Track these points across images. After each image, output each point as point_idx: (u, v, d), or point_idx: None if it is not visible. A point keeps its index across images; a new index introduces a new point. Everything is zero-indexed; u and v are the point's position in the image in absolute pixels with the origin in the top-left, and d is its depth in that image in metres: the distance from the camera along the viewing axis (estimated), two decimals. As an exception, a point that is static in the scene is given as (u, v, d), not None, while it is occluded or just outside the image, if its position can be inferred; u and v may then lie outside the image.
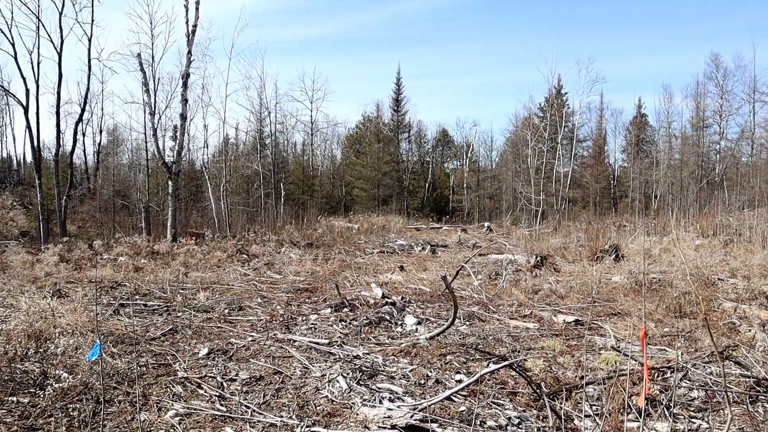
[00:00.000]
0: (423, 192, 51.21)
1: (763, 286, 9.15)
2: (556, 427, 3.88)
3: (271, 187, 33.23)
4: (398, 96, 51.85)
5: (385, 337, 6.44)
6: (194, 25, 18.09)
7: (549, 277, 10.63)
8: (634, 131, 46.55)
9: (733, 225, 18.84)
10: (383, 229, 27.31)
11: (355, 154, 52.40)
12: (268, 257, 14.02)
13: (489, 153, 58.71)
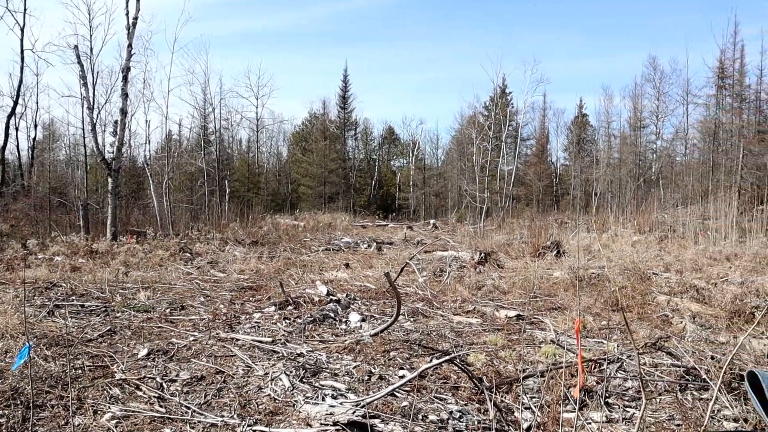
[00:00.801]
0: (369, 190, 51.32)
1: (694, 279, 9.53)
2: (497, 419, 3.96)
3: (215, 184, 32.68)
4: (345, 93, 51.79)
5: (329, 334, 6.44)
6: (135, 18, 17.62)
7: (492, 273, 10.81)
8: (575, 131, 47.77)
9: (667, 222, 19.56)
10: (329, 227, 27.24)
11: (302, 151, 52.08)
12: (212, 256, 13.80)
13: (435, 151, 59.28)
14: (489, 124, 38.37)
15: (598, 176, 39.81)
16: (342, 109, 52.00)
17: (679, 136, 40.59)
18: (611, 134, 45.26)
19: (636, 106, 42.14)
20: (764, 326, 6.99)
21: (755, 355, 5.83)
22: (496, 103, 42.21)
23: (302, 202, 46.01)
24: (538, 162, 46.79)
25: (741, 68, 36.94)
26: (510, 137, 44.45)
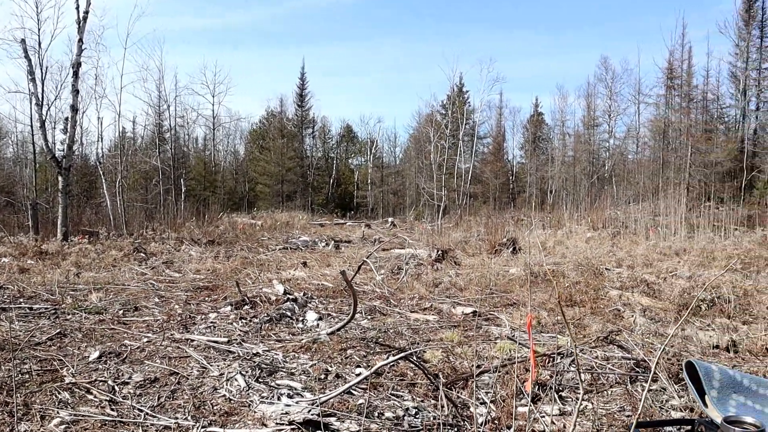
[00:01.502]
0: (327, 188, 51.19)
1: (644, 274, 9.78)
2: (453, 415, 4.00)
3: (170, 183, 32.16)
4: (302, 91, 51.55)
5: (286, 333, 6.40)
6: (86, 12, 17.18)
7: (449, 270, 10.90)
8: (531, 129, 48.54)
9: (620, 218, 20.02)
10: (287, 226, 27.07)
11: (259, 149, 51.64)
12: (167, 255, 13.57)
13: (393, 149, 59.47)
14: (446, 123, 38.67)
15: (553, 174, 40.55)
16: (299, 107, 51.76)
17: (631, 134, 41.64)
18: (566, 133, 46.20)
19: (589, 105, 43.10)
20: (710, 318, 7.23)
21: (701, 346, 6.02)
22: (453, 101, 42.58)
23: (260, 201, 45.64)
24: (495, 160, 47.36)
25: (689, 69, 38.06)
26: (467, 135, 44.90)
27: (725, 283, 8.38)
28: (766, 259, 11.38)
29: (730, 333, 6.39)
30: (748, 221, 20.82)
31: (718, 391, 1.53)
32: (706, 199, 23.92)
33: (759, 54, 37.18)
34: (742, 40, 36.98)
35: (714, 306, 7.65)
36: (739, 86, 37.39)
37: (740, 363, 5.51)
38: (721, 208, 21.89)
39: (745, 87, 37.08)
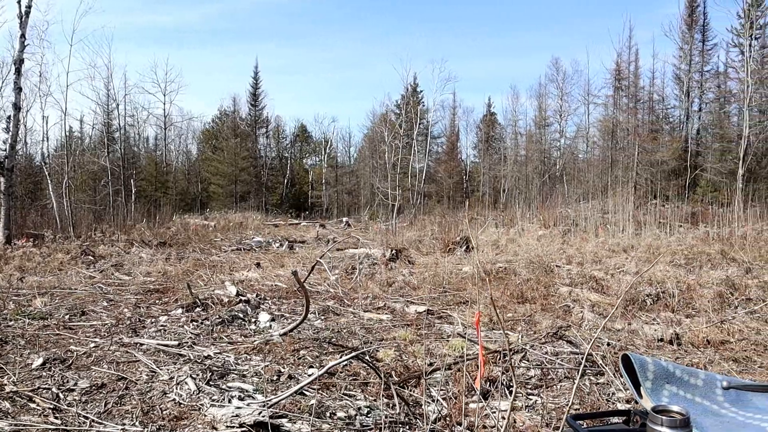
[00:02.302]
0: (282, 188, 50.85)
1: (593, 271, 10.01)
2: (405, 413, 4.02)
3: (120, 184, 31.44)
4: (256, 90, 51.08)
5: (238, 335, 6.33)
6: (28, 6, 16.63)
7: (403, 269, 10.95)
8: (484, 129, 49.13)
9: (571, 216, 20.44)
10: (241, 226, 26.78)
11: (212, 149, 50.95)
12: (117, 258, 13.27)
13: (347, 149, 59.42)
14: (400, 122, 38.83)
15: (505, 173, 41.15)
16: (253, 106, 51.26)
17: (581, 134, 42.58)
18: (518, 132, 46.93)
19: (541, 105, 43.89)
20: (655, 313, 7.44)
21: (647, 339, 6.20)
22: (407, 101, 42.80)
23: (213, 202, 45.03)
24: (449, 159, 47.78)
25: (636, 70, 39.16)
26: (421, 135, 45.16)
27: (669, 278, 8.65)
28: (708, 255, 11.77)
29: (674, 326, 6.59)
30: (691, 218, 21.52)
31: (652, 382, 1.59)
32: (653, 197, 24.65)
33: (701, 57, 38.48)
34: (685, 43, 38.21)
35: (659, 300, 7.88)
36: (682, 88, 38.62)
37: (683, 355, 5.69)
38: (667, 205, 22.55)
39: (688, 89, 38.32)
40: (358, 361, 4.79)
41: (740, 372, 5.23)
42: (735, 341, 6.15)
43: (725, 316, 7.04)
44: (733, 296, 7.96)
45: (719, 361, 5.52)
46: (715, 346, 5.99)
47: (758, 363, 5.47)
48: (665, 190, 27.31)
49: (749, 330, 6.57)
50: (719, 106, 38.16)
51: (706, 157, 36.06)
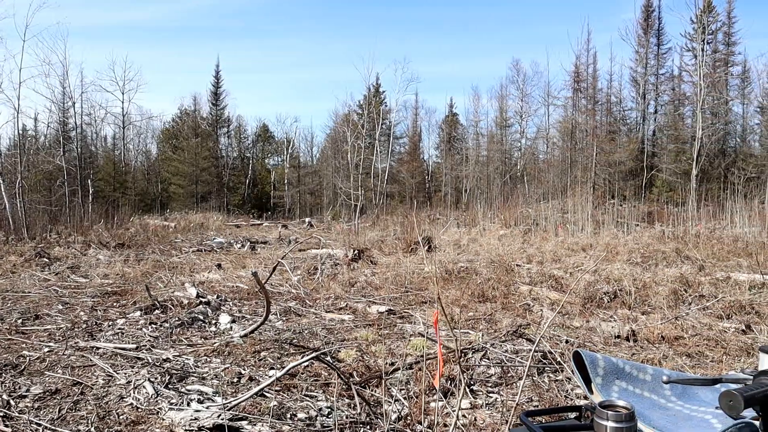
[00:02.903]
0: (244, 188, 50.36)
1: (553, 269, 10.17)
2: (366, 413, 4.03)
3: (77, 184, 30.72)
4: (217, 89, 50.44)
5: (198, 337, 6.26)
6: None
7: (366, 269, 10.96)
8: (446, 129, 49.45)
9: (531, 216, 20.71)
10: (202, 227, 26.45)
11: (172, 149, 50.16)
12: (73, 260, 12.97)
13: (310, 149, 59.14)
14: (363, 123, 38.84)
15: (467, 173, 41.51)
16: (214, 105, 50.62)
17: (541, 135, 43.21)
18: (479, 133, 47.39)
19: (502, 106, 44.39)
20: (613, 310, 7.60)
21: (604, 336, 6.32)
22: (369, 101, 42.82)
23: (173, 202, 44.34)
24: (411, 160, 47.96)
25: (594, 73, 39.90)
26: (383, 135, 45.24)
27: (626, 276, 8.83)
28: (664, 253, 12.06)
29: (630, 323, 6.74)
30: (648, 217, 22.03)
31: (602, 378, 1.62)
32: (611, 197, 25.13)
33: (656, 60, 39.42)
34: (641, 47, 39.08)
35: (616, 298, 8.04)
36: (639, 90, 39.49)
37: (639, 351, 5.82)
38: (624, 205, 23.03)
39: (644, 91, 39.19)
40: (319, 362, 4.78)
41: (693, 366, 5.38)
42: (688, 337, 6.32)
43: (679, 313, 7.23)
44: (686, 293, 8.18)
45: (673, 356, 5.67)
46: (669, 342, 6.15)
47: (710, 357, 5.63)
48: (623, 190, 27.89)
49: (702, 326, 6.76)
50: (674, 109, 39.15)
51: (662, 157, 36.95)
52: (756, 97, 38.44)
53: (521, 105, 43.87)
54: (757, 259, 11.33)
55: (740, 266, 10.99)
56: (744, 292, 8.11)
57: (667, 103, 40.17)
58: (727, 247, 13.57)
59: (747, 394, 1.24)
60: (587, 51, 39.56)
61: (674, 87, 39.70)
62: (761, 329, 6.60)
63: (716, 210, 20.19)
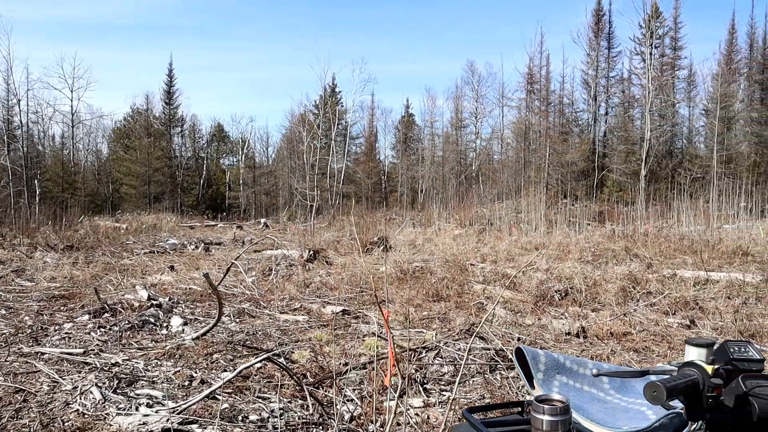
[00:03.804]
0: (198, 189, 49.62)
1: (506, 268, 10.31)
2: (319, 413, 4.01)
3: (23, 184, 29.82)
4: (170, 88, 49.56)
5: (149, 340, 6.14)
6: None
7: (321, 270, 10.92)
8: (402, 129, 49.68)
9: (486, 216, 20.96)
10: (154, 228, 25.95)
11: (124, 148, 49.08)
12: (18, 263, 12.57)
13: (265, 149, 58.63)
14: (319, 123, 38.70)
15: (423, 173, 41.78)
16: (167, 104, 49.73)
17: (496, 135, 43.81)
18: (435, 133, 47.73)
19: (457, 107, 44.85)
20: (564, 308, 7.75)
21: (555, 334, 6.44)
22: (325, 101, 42.72)
23: (125, 203, 43.36)
24: (367, 160, 48.01)
25: (547, 75, 40.65)
26: (340, 136, 45.20)
27: (577, 274, 9.01)
28: (614, 251, 12.34)
29: (581, 320, 6.89)
30: (599, 217, 22.53)
31: (543, 374, 1.66)
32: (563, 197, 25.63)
33: (607, 63, 40.36)
34: (592, 50, 39.98)
35: (567, 296, 8.20)
36: (590, 92, 40.39)
37: (588, 347, 5.95)
38: (576, 205, 23.50)
39: (595, 93, 40.11)
40: (272, 363, 4.74)
41: (639, 361, 5.52)
42: (636, 332, 6.49)
43: (627, 310, 7.41)
44: (635, 290, 8.39)
45: (621, 351, 5.81)
46: (617, 338, 6.30)
47: (656, 352, 5.79)
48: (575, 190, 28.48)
49: (649, 321, 6.95)
50: (623, 110, 40.16)
51: (612, 158, 37.85)
52: (701, 100, 39.77)
53: (476, 106, 44.43)
54: (702, 256, 11.71)
55: (686, 264, 11.33)
56: (689, 289, 8.38)
57: (617, 105, 41.22)
58: (673, 246, 13.97)
59: (669, 384, 1.29)
60: (540, 53, 40.30)
61: (624, 89, 40.74)
62: (704, 324, 6.82)
63: (664, 209, 20.76)
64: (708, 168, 32.72)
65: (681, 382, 1.33)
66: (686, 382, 1.34)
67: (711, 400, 1.34)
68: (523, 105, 41.05)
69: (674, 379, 1.33)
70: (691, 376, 1.36)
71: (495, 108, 43.77)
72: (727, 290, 8.35)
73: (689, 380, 1.35)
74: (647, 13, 36.55)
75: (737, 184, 22.34)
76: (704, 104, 38.87)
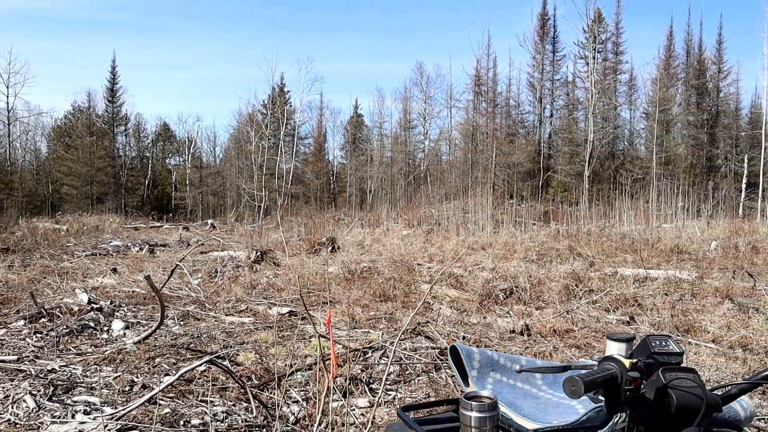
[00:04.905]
0: (143, 189, 48.51)
1: (453, 268, 10.41)
2: (263, 416, 3.98)
3: (-46, 185, 28.58)
4: (114, 86, 48.29)
5: (88, 345, 5.96)
6: None
7: (268, 271, 10.83)
8: (351, 130, 49.65)
9: (434, 216, 21.14)
10: (97, 230, 25.23)
11: (65, 147, 47.56)
12: (-52, 267, 12.04)
13: (212, 149, 57.72)
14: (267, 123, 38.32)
15: (372, 174, 41.85)
16: (110, 102, 48.44)
17: (444, 136, 44.23)
18: (384, 134, 47.89)
19: (406, 108, 45.07)
20: (509, 306, 7.88)
21: (500, 332, 6.54)
22: (274, 101, 42.34)
23: (66, 204, 42.02)
24: (316, 160, 47.82)
25: (494, 77, 41.29)
26: (288, 136, 44.91)
27: (522, 273, 9.18)
28: (558, 250, 12.63)
29: (525, 318, 7.02)
30: (544, 216, 23.02)
31: (477, 371, 1.69)
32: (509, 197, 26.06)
33: (552, 66, 41.26)
34: (538, 53, 40.81)
35: (512, 294, 8.34)
36: (536, 95, 41.20)
37: (532, 345, 6.07)
38: (522, 205, 23.93)
39: (540, 95, 40.95)
40: (215, 365, 4.68)
41: (581, 357, 5.66)
42: (578, 329, 6.66)
43: (570, 307, 7.59)
44: (578, 288, 8.60)
45: (563, 348, 5.95)
46: (560, 335, 6.45)
47: (597, 348, 5.95)
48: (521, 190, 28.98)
49: (590, 318, 7.15)
50: (568, 113, 41.16)
51: (557, 159, 38.72)
52: (642, 103, 41.05)
53: (425, 107, 44.77)
54: (641, 255, 12.09)
55: (626, 262, 11.69)
56: (629, 286, 8.64)
57: (561, 107, 42.18)
58: (615, 244, 14.38)
59: (587, 379, 1.34)
60: (488, 56, 40.90)
61: (568, 92, 41.74)
62: (643, 320, 7.04)
63: (606, 209, 21.34)
64: (648, 169, 33.80)
65: (599, 376, 1.37)
66: (604, 376, 1.38)
67: (629, 393, 1.39)
68: (471, 106, 41.62)
69: (593, 374, 1.37)
70: (610, 370, 1.41)
71: (443, 109, 44.24)
72: (664, 287, 8.65)
73: (607, 374, 1.39)
74: (590, 19, 37.56)
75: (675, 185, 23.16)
76: (644, 107, 40.16)
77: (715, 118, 39.33)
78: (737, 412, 1.62)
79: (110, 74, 48.04)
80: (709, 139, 38.29)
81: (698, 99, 39.55)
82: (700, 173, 35.64)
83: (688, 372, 1.40)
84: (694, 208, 21.60)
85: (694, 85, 39.43)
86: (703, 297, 8.34)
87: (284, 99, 45.72)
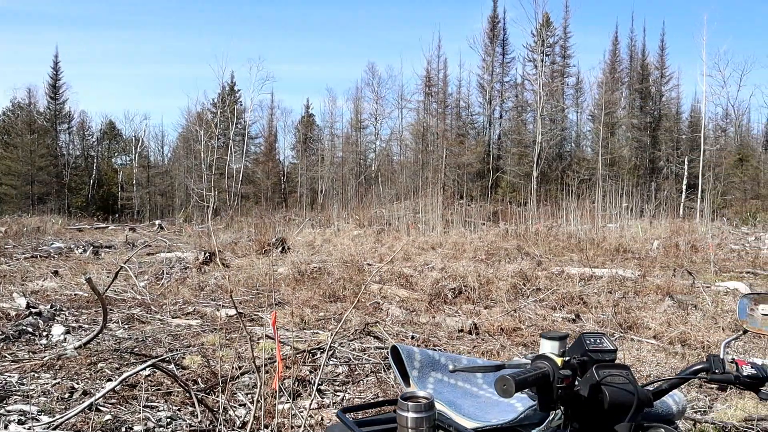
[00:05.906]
0: (87, 189, 47.13)
1: (403, 268, 10.46)
2: (210, 420, 3.91)
3: None
4: (56, 82, 46.75)
5: (26, 351, 5.76)
6: None
7: (217, 272, 10.66)
8: (302, 130, 49.35)
9: (385, 216, 21.19)
10: (38, 231, 24.38)
11: (3, 145, 45.81)
12: None
13: (160, 148, 56.50)
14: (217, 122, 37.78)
15: (323, 174, 41.70)
16: (53, 99, 46.89)
17: (395, 137, 44.39)
18: (335, 134, 47.78)
19: (357, 108, 45.07)
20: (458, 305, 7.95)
21: (448, 331, 6.60)
22: (224, 100, 41.76)
23: (4, 204, 40.49)
24: (267, 160, 47.35)
25: (444, 78, 41.65)
26: (238, 135, 44.36)
27: (471, 272, 9.27)
28: (506, 250, 12.81)
29: (473, 317, 7.09)
30: (493, 216, 23.34)
31: (418, 371, 1.69)
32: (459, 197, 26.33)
33: (502, 69, 41.86)
34: (488, 55, 41.34)
35: (461, 294, 8.42)
36: (485, 96, 41.73)
37: (480, 343, 6.14)
38: (472, 205, 24.21)
39: (490, 97, 41.50)
40: (159, 370, 4.58)
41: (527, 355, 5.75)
42: (525, 327, 6.76)
43: (518, 306, 7.70)
44: (525, 287, 8.74)
45: (510, 346, 6.04)
46: (507, 333, 6.54)
47: (543, 347, 6.05)
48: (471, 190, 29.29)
49: (537, 317, 7.27)
50: (517, 114, 41.83)
51: (506, 160, 39.32)
52: (588, 106, 42.03)
53: (376, 107, 44.84)
54: (587, 254, 12.38)
55: (573, 261, 11.95)
56: (575, 285, 8.83)
57: (511, 109, 42.85)
58: (562, 244, 14.69)
59: (519, 378, 1.35)
60: (438, 57, 41.23)
61: (517, 94, 42.43)
62: (588, 317, 7.21)
63: (554, 209, 21.77)
64: (594, 170, 34.62)
65: (530, 375, 1.39)
66: (536, 374, 1.40)
67: (561, 391, 1.41)
68: (422, 107, 41.89)
69: (524, 373, 1.39)
70: (542, 368, 1.43)
71: (394, 110, 44.36)
72: (608, 285, 8.86)
73: (539, 372, 1.41)
74: (539, 23, 38.28)
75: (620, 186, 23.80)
76: (591, 110, 41.13)
77: (657, 122, 40.55)
78: (670, 407, 1.67)
79: (52, 69, 46.52)
80: (651, 141, 39.47)
81: (642, 102, 40.75)
82: (643, 174, 36.73)
83: (621, 369, 1.43)
84: (637, 208, 22.22)
85: (637, 89, 40.59)
86: (645, 295, 8.58)
87: (234, 98, 45.15)
